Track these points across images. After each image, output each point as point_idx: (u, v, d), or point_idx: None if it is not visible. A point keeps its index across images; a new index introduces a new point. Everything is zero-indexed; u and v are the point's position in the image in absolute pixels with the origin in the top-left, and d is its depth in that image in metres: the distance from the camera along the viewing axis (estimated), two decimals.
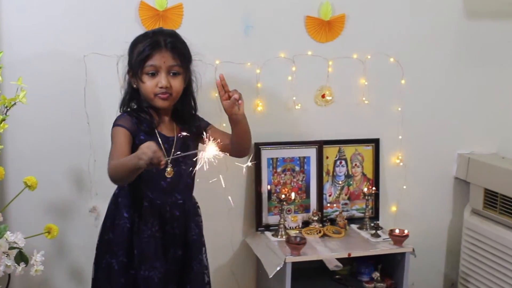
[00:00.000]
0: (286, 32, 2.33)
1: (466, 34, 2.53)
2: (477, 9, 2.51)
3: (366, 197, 2.41)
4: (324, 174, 2.45)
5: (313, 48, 2.36)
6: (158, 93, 1.81)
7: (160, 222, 1.87)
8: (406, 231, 2.26)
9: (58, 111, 2.14)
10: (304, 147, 2.40)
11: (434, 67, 2.53)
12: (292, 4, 2.31)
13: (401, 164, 2.56)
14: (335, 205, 2.48)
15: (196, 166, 1.57)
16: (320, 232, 2.33)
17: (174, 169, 1.82)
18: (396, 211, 2.59)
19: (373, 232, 2.34)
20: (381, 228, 2.39)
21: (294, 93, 2.38)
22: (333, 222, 2.43)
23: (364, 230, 2.39)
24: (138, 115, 1.84)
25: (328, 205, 2.47)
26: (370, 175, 2.51)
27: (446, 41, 2.52)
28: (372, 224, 2.39)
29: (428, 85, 2.54)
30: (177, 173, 1.85)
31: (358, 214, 2.50)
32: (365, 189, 2.42)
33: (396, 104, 2.51)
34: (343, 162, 2.48)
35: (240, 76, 2.26)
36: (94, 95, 2.15)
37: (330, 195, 2.48)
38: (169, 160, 1.71)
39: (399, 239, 2.25)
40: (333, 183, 2.48)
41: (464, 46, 2.54)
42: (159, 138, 1.84)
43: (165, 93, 1.81)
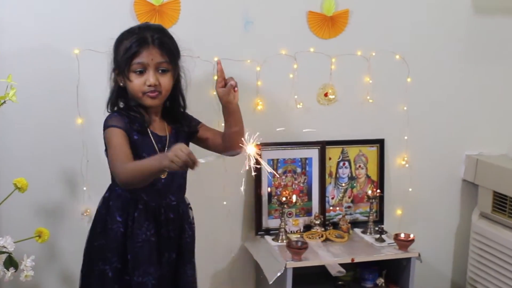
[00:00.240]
0: (288, 28, 2.32)
1: (475, 31, 2.53)
2: (486, 5, 2.52)
3: (370, 200, 2.41)
4: (327, 176, 2.44)
5: (316, 45, 2.34)
6: (147, 92, 1.78)
7: (155, 225, 1.86)
8: (412, 236, 2.25)
9: (50, 110, 2.13)
10: (306, 148, 2.39)
11: (441, 65, 2.52)
12: None
13: (407, 166, 2.55)
14: (338, 209, 2.47)
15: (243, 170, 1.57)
16: (322, 237, 2.32)
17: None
18: (402, 215, 2.58)
19: (378, 237, 2.33)
20: (386, 232, 2.37)
21: (296, 92, 2.36)
22: (336, 226, 2.42)
23: (368, 235, 2.39)
24: (129, 114, 1.82)
25: (331, 208, 2.45)
26: (375, 177, 2.50)
27: (454, 38, 2.52)
28: (377, 228, 2.39)
29: (435, 83, 2.53)
30: (170, 174, 1.84)
31: (362, 218, 2.49)
32: (369, 192, 2.42)
33: (402, 103, 2.50)
34: (347, 164, 2.47)
35: (240, 74, 2.21)
36: (87, 94, 2.13)
37: (333, 198, 2.47)
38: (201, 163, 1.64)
39: (405, 244, 2.24)
40: (336, 186, 2.46)
41: (472, 43, 2.54)
42: (152, 138, 1.82)
43: (154, 91, 1.79)
